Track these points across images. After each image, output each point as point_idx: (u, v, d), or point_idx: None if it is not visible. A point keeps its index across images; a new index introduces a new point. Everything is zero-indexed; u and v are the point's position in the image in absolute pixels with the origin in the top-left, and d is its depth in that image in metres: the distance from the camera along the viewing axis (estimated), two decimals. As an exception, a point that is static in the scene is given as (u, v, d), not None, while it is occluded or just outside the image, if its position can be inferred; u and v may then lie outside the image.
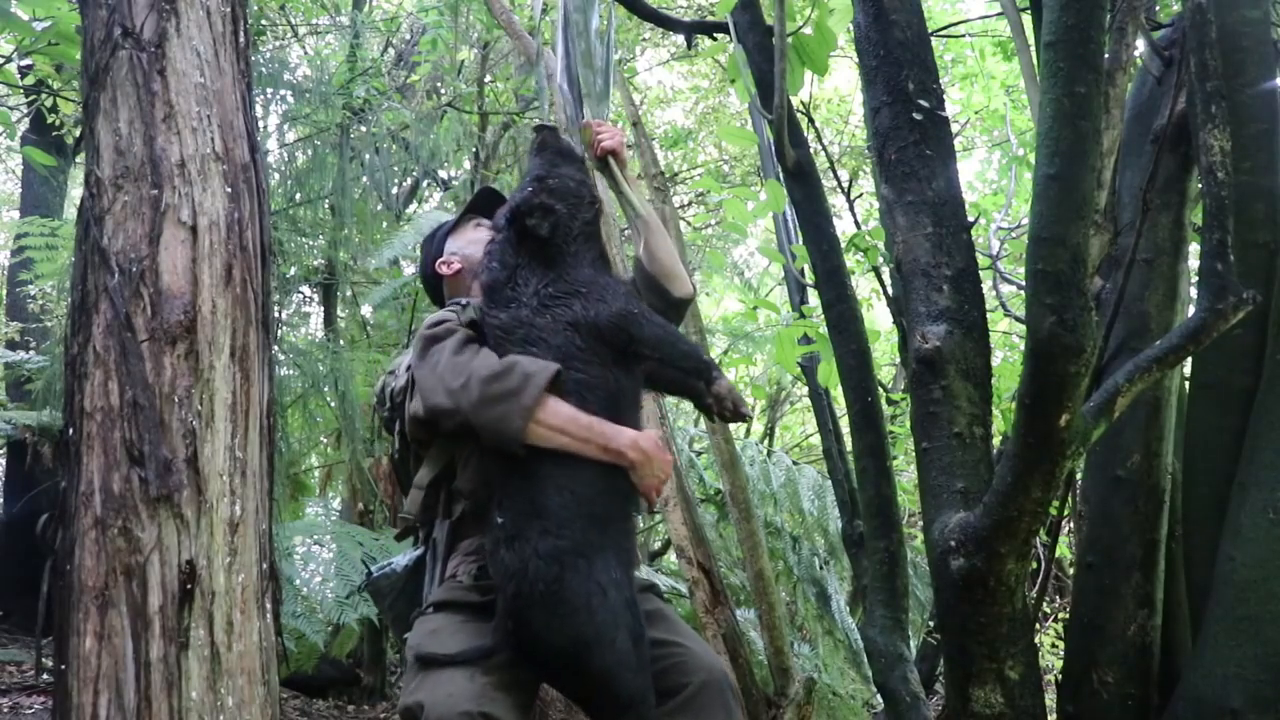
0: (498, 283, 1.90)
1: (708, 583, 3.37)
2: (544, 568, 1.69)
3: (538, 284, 1.88)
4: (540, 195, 1.93)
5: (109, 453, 1.62)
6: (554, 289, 1.88)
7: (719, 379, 1.87)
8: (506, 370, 1.75)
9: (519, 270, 1.90)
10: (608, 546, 1.76)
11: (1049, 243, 1.63)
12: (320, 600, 3.76)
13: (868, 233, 2.45)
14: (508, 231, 1.94)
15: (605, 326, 1.85)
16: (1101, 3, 1.65)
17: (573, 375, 1.80)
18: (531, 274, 1.89)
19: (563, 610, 1.68)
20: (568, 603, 1.68)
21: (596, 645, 1.69)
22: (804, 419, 9.22)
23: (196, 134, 1.77)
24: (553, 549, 1.70)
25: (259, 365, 1.78)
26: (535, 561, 1.69)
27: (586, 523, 1.75)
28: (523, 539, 1.71)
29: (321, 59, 5.34)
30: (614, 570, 1.75)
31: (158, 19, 1.79)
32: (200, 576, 1.60)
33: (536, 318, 1.85)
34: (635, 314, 1.88)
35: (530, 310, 1.85)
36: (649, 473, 1.82)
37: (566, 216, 1.93)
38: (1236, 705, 1.83)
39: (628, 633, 1.72)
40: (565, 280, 1.89)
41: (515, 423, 1.72)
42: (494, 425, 1.72)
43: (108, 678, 1.55)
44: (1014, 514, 1.74)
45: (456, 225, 2.22)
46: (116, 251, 1.69)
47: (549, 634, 1.69)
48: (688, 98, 8.63)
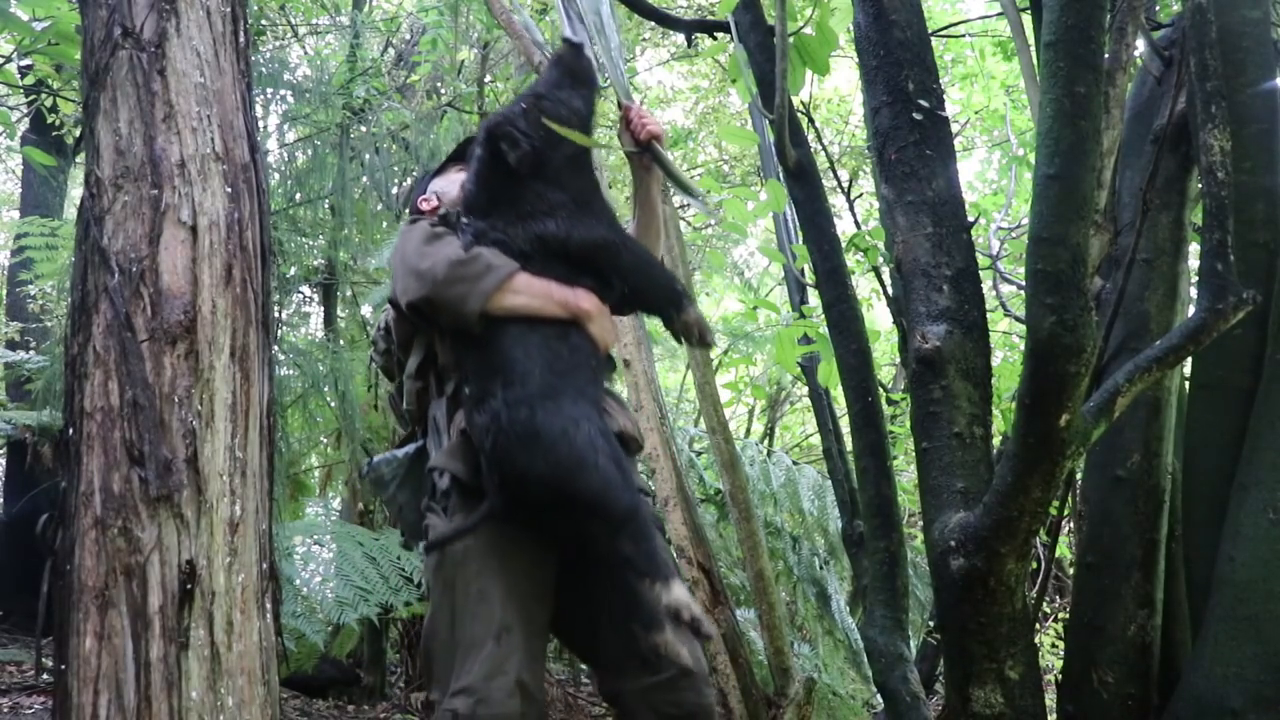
0: (472, 199, 1.98)
1: (708, 583, 3.37)
2: (512, 412, 1.77)
3: (514, 200, 1.95)
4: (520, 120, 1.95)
5: (109, 453, 1.62)
6: (530, 206, 1.94)
7: (689, 308, 1.96)
8: (471, 259, 1.87)
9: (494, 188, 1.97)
10: (569, 390, 1.84)
11: (1049, 243, 1.63)
12: (320, 600, 3.76)
13: (868, 233, 2.45)
14: (484, 152, 1.97)
15: (574, 248, 1.93)
16: (1101, 3, 1.65)
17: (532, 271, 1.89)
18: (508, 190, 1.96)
19: (540, 444, 1.75)
20: (544, 436, 1.75)
21: (580, 470, 1.75)
22: (804, 419, 9.21)
23: (196, 134, 1.77)
24: (518, 395, 1.79)
25: (259, 365, 1.78)
26: (504, 410, 1.78)
27: (546, 373, 1.83)
28: (489, 396, 1.81)
29: (321, 59, 5.34)
30: (582, 406, 1.82)
31: (158, 19, 1.79)
32: (200, 576, 1.60)
33: (509, 227, 1.92)
34: (614, 243, 1.96)
35: (504, 221, 1.93)
36: (604, 326, 1.95)
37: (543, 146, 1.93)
38: (1236, 705, 1.83)
39: (608, 457, 1.78)
40: (543, 200, 1.95)
41: (473, 304, 1.83)
42: (454, 305, 1.83)
43: (108, 678, 1.55)
44: (1014, 514, 1.74)
45: (441, 169, 2.31)
46: (116, 251, 1.69)
47: (532, 468, 1.76)
48: (688, 98, 8.63)
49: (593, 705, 4.68)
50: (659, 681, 1.87)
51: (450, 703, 1.76)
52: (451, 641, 1.81)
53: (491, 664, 1.76)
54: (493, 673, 1.76)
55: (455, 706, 1.75)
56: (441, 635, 1.82)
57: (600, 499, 1.77)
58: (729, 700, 3.31)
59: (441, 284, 1.85)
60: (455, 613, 1.81)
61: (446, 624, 1.82)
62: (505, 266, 1.86)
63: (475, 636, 1.79)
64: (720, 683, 3.34)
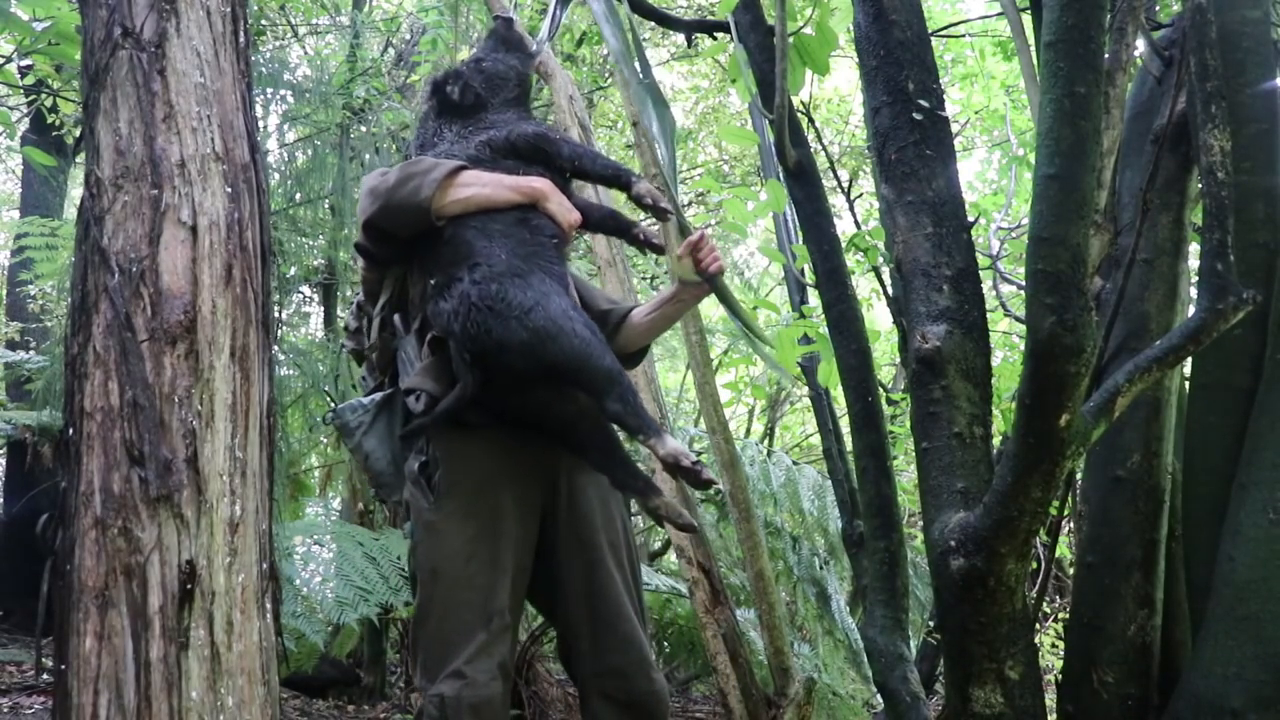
0: (425, 138, 2.14)
1: (708, 583, 3.36)
2: (483, 289, 1.82)
3: (459, 128, 2.11)
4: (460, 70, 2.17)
5: (109, 453, 1.62)
6: (473, 127, 2.10)
7: (637, 182, 2.05)
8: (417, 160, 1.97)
9: (441, 128, 2.13)
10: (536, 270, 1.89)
11: (1049, 243, 1.63)
12: (320, 600, 3.75)
13: (868, 233, 2.44)
14: (431, 101, 2.17)
15: (519, 142, 2.05)
16: (1101, 3, 1.65)
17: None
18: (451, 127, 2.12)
19: (515, 311, 1.79)
20: (518, 305, 1.80)
21: (559, 334, 1.79)
22: (804, 419, 9.21)
23: (196, 134, 1.77)
24: (485, 274, 1.84)
25: (259, 365, 1.78)
26: (472, 289, 1.82)
27: (512, 256, 1.89)
28: (455, 281, 1.86)
29: (321, 59, 5.34)
30: (550, 284, 1.87)
31: (158, 19, 1.79)
32: (200, 576, 1.60)
33: (454, 147, 2.06)
34: (551, 136, 2.09)
35: (448, 144, 2.07)
36: (559, 203, 2.01)
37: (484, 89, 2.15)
38: (1236, 705, 1.83)
39: (584, 324, 1.82)
40: (484, 122, 2.12)
41: (425, 191, 1.89)
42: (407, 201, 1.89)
43: (108, 678, 1.55)
44: (1014, 514, 1.74)
45: None
46: (116, 251, 1.69)
47: (511, 336, 1.79)
48: (688, 98, 8.62)
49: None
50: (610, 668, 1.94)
51: (438, 687, 1.82)
52: (438, 630, 1.85)
53: (478, 648, 1.82)
54: (478, 656, 1.82)
55: (442, 691, 1.81)
56: (430, 623, 1.86)
57: (584, 360, 1.79)
58: (729, 700, 3.31)
59: (394, 187, 1.91)
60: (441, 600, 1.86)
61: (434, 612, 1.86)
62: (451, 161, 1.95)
63: (465, 623, 1.84)
64: (720, 683, 3.34)
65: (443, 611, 1.85)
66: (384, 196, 1.92)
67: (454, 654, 1.83)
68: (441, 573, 1.86)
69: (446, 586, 1.86)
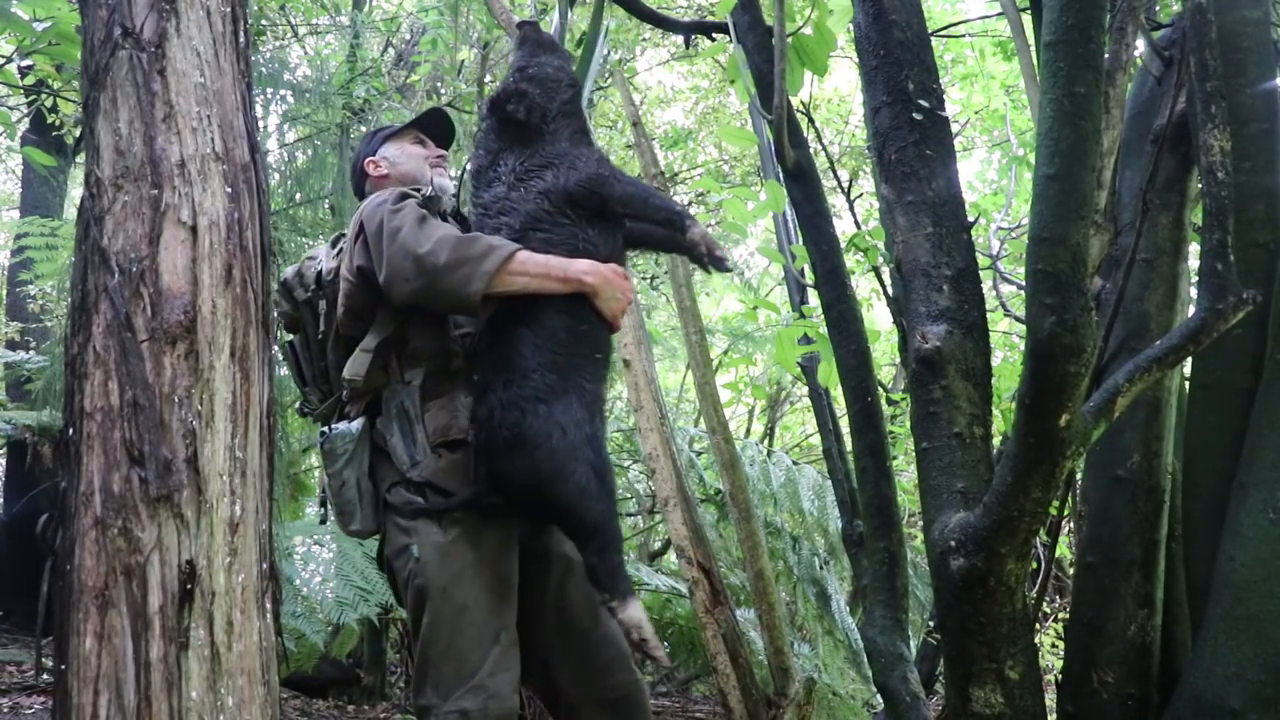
0: (482, 167, 2.10)
1: (708, 583, 3.36)
2: (504, 414, 1.86)
3: (515, 162, 2.05)
4: (518, 83, 2.11)
5: (109, 453, 1.62)
6: (529, 164, 2.04)
7: (692, 227, 2.02)
8: (472, 239, 1.88)
9: (501, 154, 2.08)
10: (569, 390, 1.91)
11: (1049, 243, 1.63)
12: (320, 600, 3.75)
13: (868, 233, 2.45)
14: (490, 120, 2.12)
15: (574, 191, 2.00)
16: (1101, 3, 1.65)
17: (538, 236, 1.96)
18: (511, 155, 2.07)
19: (524, 449, 1.85)
20: (528, 442, 1.85)
21: (558, 478, 1.85)
22: (804, 419, 9.21)
23: (196, 134, 1.77)
24: (513, 397, 1.87)
25: (259, 365, 1.78)
26: (499, 410, 1.87)
27: (547, 371, 1.90)
28: (489, 391, 1.90)
29: (321, 59, 5.34)
30: (575, 411, 1.90)
31: (158, 19, 1.79)
32: (200, 576, 1.60)
33: (511, 192, 2.02)
34: (605, 176, 2.03)
35: (506, 186, 2.03)
36: (610, 296, 1.96)
37: (542, 99, 2.10)
38: (1236, 705, 1.83)
39: (589, 466, 1.88)
40: (540, 155, 2.05)
41: (476, 285, 1.83)
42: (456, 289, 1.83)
43: (108, 678, 1.55)
44: (1014, 514, 1.74)
45: (399, 132, 2.31)
46: (116, 251, 1.69)
47: (514, 471, 1.87)
48: (688, 98, 8.63)
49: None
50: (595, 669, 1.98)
51: (457, 703, 1.82)
52: (452, 647, 1.86)
53: (495, 663, 1.84)
54: (497, 670, 1.84)
55: (464, 706, 1.81)
56: (441, 641, 1.86)
57: (574, 506, 1.88)
58: (729, 700, 3.31)
59: (444, 269, 1.83)
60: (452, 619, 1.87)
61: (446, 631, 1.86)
62: (506, 246, 1.88)
63: (476, 639, 1.86)
64: (720, 683, 3.34)
65: (454, 629, 1.86)
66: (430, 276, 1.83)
67: (470, 669, 1.84)
68: (451, 593, 1.88)
69: (457, 606, 1.87)
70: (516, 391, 1.88)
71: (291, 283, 2.16)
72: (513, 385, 1.88)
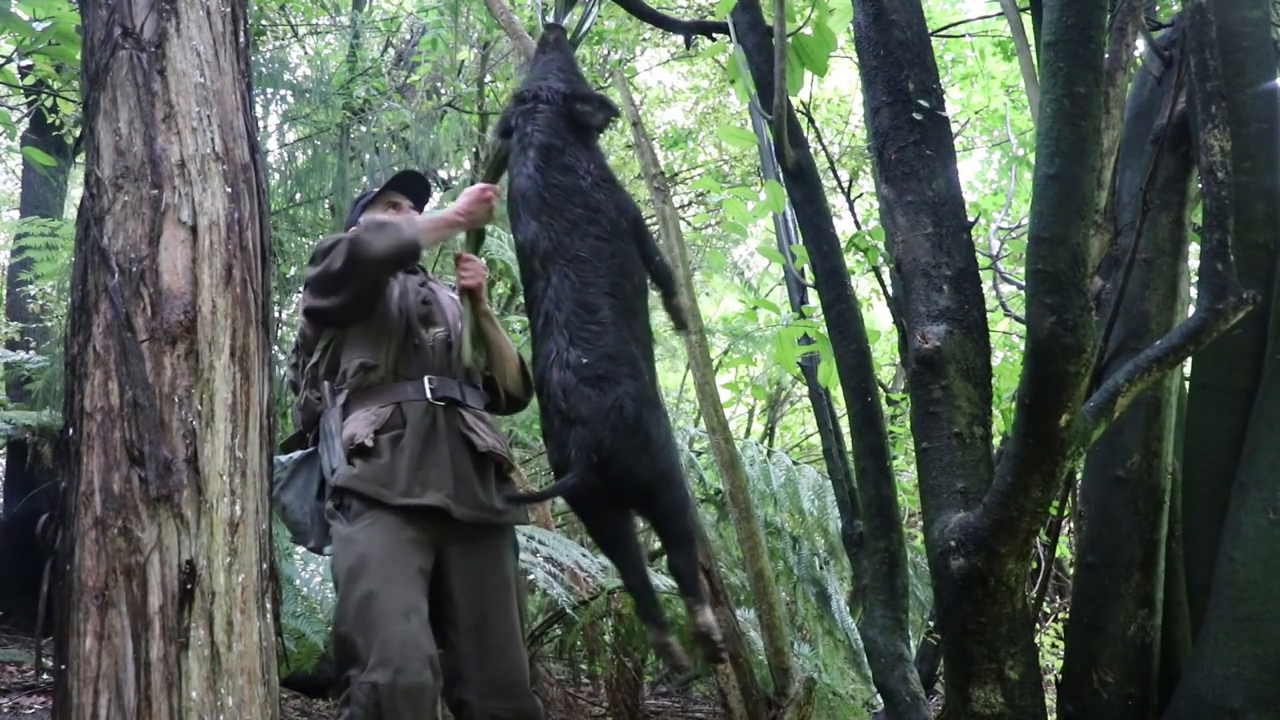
0: (555, 147, 2.04)
1: (708, 583, 3.36)
2: (634, 408, 1.83)
3: (588, 163, 2.05)
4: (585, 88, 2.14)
5: (109, 453, 1.62)
6: (599, 173, 2.05)
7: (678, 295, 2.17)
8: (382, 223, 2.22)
9: (569, 146, 2.06)
10: (661, 402, 1.97)
11: (1049, 243, 1.63)
12: (320, 600, 3.75)
13: (868, 233, 2.44)
14: (559, 107, 2.08)
15: (637, 219, 2.07)
16: (1101, 3, 1.65)
17: (622, 248, 1.99)
18: (581, 152, 2.06)
19: (652, 448, 1.84)
20: (654, 442, 1.84)
21: (674, 482, 1.89)
22: (804, 419, 9.21)
23: (196, 134, 1.77)
24: (638, 392, 1.85)
25: (259, 365, 1.78)
26: (628, 401, 1.83)
27: (651, 379, 1.94)
28: (610, 380, 1.84)
29: (321, 59, 5.34)
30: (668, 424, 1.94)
31: (158, 19, 1.79)
32: (200, 576, 1.60)
33: (594, 192, 2.01)
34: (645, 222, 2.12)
35: (588, 183, 2.02)
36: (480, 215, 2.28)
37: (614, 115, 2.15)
38: (1236, 705, 1.83)
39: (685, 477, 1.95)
40: (602, 169, 2.07)
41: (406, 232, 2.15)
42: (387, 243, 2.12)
43: (108, 678, 1.55)
44: (1014, 514, 1.74)
45: (375, 199, 2.47)
46: (116, 251, 1.69)
47: (639, 468, 1.84)
48: (688, 98, 8.62)
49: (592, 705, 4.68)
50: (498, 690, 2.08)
51: (369, 675, 1.89)
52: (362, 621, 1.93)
53: (404, 638, 1.91)
54: (406, 645, 1.91)
55: (374, 678, 1.88)
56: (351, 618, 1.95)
57: (680, 512, 1.92)
58: (729, 700, 3.31)
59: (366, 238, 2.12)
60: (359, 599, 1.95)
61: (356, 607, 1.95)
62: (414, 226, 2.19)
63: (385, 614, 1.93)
64: (720, 683, 3.34)
65: (362, 605, 1.94)
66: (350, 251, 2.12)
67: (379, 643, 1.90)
68: (356, 572, 1.97)
69: (363, 584, 1.96)
70: (639, 388, 1.86)
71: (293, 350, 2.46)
72: (634, 380, 1.86)
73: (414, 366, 2.22)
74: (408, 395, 2.18)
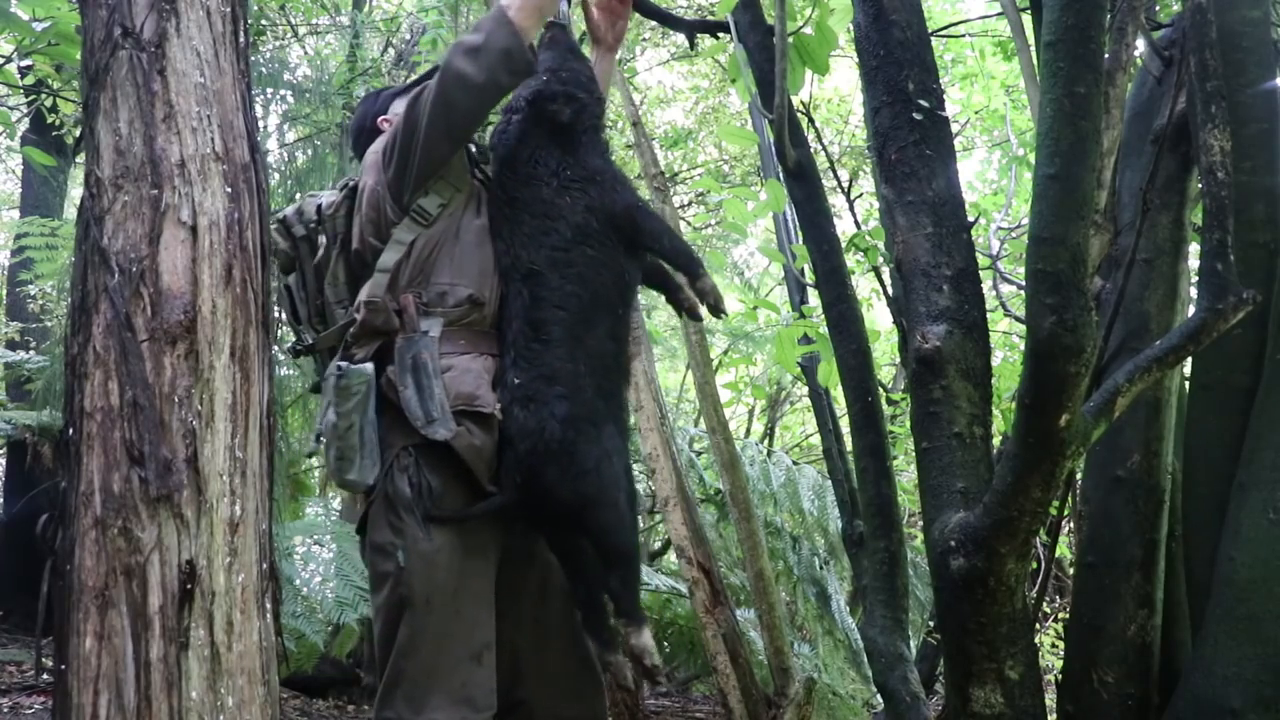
0: (518, 158, 1.99)
1: (708, 583, 3.37)
2: (559, 430, 1.80)
3: (556, 165, 1.97)
4: (559, 84, 2.03)
5: (109, 453, 1.62)
6: (571, 173, 1.97)
7: (704, 276, 2.02)
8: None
9: (537, 151, 1.99)
10: (611, 418, 1.89)
11: (1049, 243, 1.63)
12: (320, 600, 3.76)
13: (868, 233, 2.45)
14: (527, 112, 2.02)
15: (619, 215, 1.97)
16: (1101, 3, 1.65)
17: (587, 253, 1.92)
18: (549, 156, 1.98)
19: (574, 470, 1.81)
20: (579, 464, 1.81)
21: (602, 504, 1.83)
22: (804, 419, 9.21)
23: (196, 134, 1.77)
24: (568, 414, 1.82)
25: (259, 365, 1.78)
26: (552, 424, 1.80)
27: (595, 393, 1.87)
28: (539, 401, 1.83)
29: (321, 59, 5.34)
30: (616, 439, 1.89)
31: (158, 19, 1.79)
32: (200, 576, 1.60)
33: (557, 198, 1.94)
34: (640, 207, 2.02)
35: (551, 190, 1.95)
36: None
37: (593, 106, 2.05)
38: (1236, 705, 1.83)
39: (625, 496, 1.87)
40: (581, 166, 1.99)
41: (517, 22, 1.89)
42: (501, 43, 1.86)
43: (108, 678, 1.55)
44: (1014, 514, 1.74)
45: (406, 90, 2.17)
46: (116, 251, 1.69)
47: (560, 491, 1.82)
48: (688, 98, 8.62)
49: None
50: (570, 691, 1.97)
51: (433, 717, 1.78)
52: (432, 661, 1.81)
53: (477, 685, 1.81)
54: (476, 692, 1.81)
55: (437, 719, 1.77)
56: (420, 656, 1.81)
57: (610, 533, 1.87)
58: (729, 700, 3.31)
59: (483, 48, 1.87)
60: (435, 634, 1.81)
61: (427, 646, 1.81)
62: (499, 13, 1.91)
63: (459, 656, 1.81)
64: (720, 683, 3.34)
65: (437, 642, 1.80)
66: (480, 60, 1.88)
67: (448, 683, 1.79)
68: (436, 604, 1.82)
69: (440, 618, 1.82)
70: (569, 408, 1.82)
71: (290, 219, 2.09)
72: (565, 400, 1.83)
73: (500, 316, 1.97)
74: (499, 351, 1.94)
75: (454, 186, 1.98)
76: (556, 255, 1.90)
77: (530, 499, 1.84)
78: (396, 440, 1.88)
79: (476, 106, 1.92)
